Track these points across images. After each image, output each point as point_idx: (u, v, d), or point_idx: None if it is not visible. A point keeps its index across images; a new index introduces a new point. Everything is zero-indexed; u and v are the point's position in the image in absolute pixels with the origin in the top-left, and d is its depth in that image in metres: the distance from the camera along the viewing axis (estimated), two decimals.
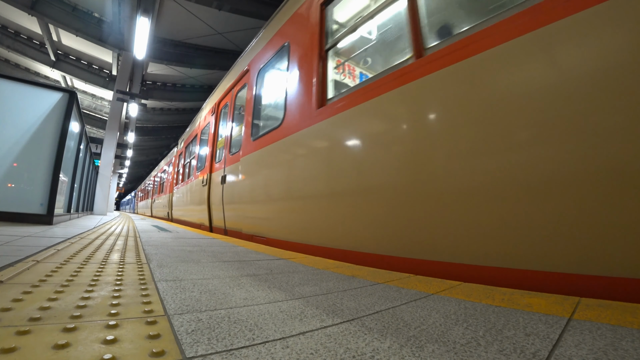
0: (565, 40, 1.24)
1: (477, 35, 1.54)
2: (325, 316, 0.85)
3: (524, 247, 1.30)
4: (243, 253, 2.23)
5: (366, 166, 2.08)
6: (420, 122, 1.77)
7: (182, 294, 1.02)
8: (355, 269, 1.74)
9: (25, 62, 14.53)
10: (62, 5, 10.58)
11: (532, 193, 1.28)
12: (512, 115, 1.37)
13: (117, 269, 1.33)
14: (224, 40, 12.16)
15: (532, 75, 1.32)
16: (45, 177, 3.44)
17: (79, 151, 5.23)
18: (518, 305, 0.99)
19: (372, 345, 0.66)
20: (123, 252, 1.87)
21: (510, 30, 1.41)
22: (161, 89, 16.05)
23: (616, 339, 0.70)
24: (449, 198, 1.56)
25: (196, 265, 1.61)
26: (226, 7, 9.64)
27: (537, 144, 1.28)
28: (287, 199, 2.95)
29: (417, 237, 1.70)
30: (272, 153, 3.28)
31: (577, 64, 1.20)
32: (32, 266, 1.25)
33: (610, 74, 1.12)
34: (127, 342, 0.61)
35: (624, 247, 1.07)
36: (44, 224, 3.35)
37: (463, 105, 1.55)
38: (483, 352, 0.64)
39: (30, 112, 3.43)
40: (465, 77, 1.56)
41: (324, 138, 2.50)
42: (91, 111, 19.12)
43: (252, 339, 0.67)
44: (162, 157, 18.31)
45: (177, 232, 4.05)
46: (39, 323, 0.68)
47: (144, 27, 8.17)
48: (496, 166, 1.40)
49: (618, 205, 1.08)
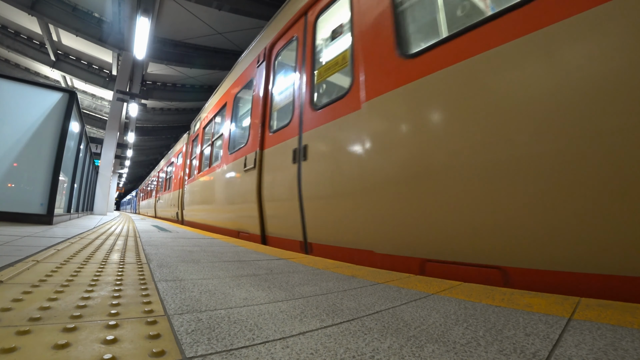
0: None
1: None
2: (325, 316, 0.85)
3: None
4: (243, 253, 2.23)
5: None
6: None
7: (182, 294, 1.02)
8: (355, 269, 1.74)
9: (25, 62, 14.53)
10: (62, 5, 10.59)
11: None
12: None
13: (117, 269, 1.33)
14: (224, 40, 12.16)
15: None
16: (45, 177, 3.44)
17: (79, 151, 5.23)
18: (518, 305, 0.99)
19: (372, 345, 0.66)
20: (123, 252, 1.87)
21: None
22: (161, 89, 16.06)
23: (616, 339, 0.70)
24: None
25: (196, 265, 1.61)
26: (226, 7, 9.64)
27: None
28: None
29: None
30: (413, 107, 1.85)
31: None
32: (32, 266, 1.25)
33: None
34: (127, 342, 0.61)
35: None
36: (44, 224, 3.35)
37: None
38: (483, 352, 0.64)
39: (30, 112, 3.44)
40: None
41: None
42: (91, 111, 19.12)
43: (252, 339, 0.67)
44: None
45: (177, 232, 4.05)
46: (39, 323, 0.68)
47: (144, 27, 8.18)
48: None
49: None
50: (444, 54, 1.70)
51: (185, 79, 15.15)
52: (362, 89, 2.23)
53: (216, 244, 2.81)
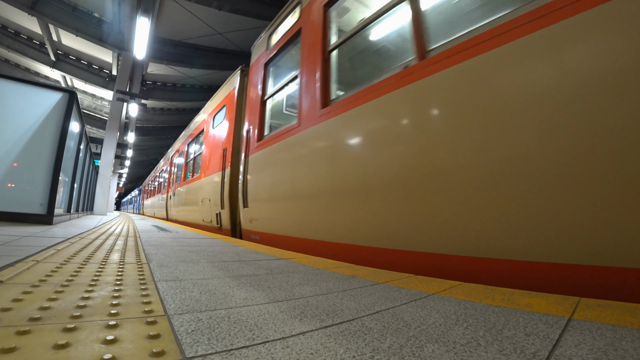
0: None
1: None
2: (325, 316, 0.85)
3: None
4: (243, 253, 2.23)
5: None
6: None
7: (182, 294, 1.02)
8: (355, 269, 1.74)
9: (25, 62, 14.53)
10: (62, 5, 10.58)
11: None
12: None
13: (117, 269, 1.33)
14: (224, 40, 12.16)
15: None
16: (45, 177, 3.44)
17: (79, 151, 5.23)
18: (518, 305, 0.99)
19: (372, 345, 0.66)
20: (123, 252, 1.87)
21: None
22: (161, 89, 16.05)
23: (616, 339, 0.70)
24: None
25: (196, 265, 1.61)
26: (226, 7, 9.65)
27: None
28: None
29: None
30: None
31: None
32: (32, 266, 1.25)
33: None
34: (127, 342, 0.61)
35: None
36: (44, 224, 3.35)
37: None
38: (483, 352, 0.64)
39: (30, 112, 3.43)
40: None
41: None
42: (91, 111, 19.12)
43: (252, 339, 0.67)
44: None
45: (177, 232, 4.05)
46: (39, 323, 0.68)
47: (144, 27, 8.17)
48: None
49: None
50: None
51: (185, 79, 15.15)
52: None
53: (216, 244, 2.81)
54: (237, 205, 4.47)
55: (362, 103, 2.19)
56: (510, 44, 1.43)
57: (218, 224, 4.97)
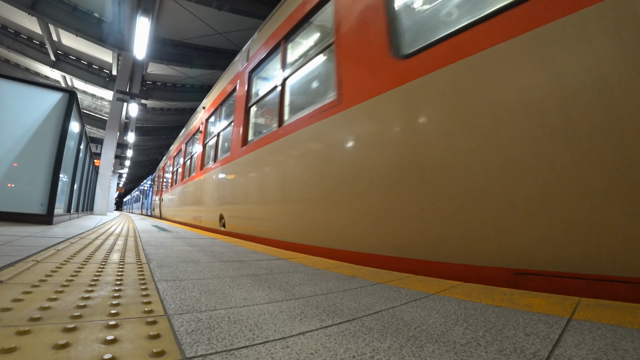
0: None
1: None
2: (325, 316, 0.85)
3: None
4: (243, 253, 2.23)
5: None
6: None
7: (182, 294, 1.02)
8: (355, 269, 1.74)
9: (25, 62, 14.52)
10: (62, 5, 10.58)
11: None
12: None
13: (117, 269, 1.33)
14: (223, 40, 12.16)
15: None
16: (45, 177, 3.44)
17: (79, 151, 5.23)
18: (518, 305, 0.99)
19: (372, 345, 0.66)
20: (123, 252, 1.87)
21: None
22: (161, 89, 16.05)
23: (616, 339, 0.70)
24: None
25: (196, 265, 1.61)
26: (226, 7, 9.65)
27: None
28: None
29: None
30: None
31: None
32: (32, 266, 1.25)
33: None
34: (127, 342, 0.61)
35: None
36: (44, 224, 3.35)
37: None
38: (483, 352, 0.64)
39: (30, 112, 3.43)
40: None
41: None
42: (91, 111, 19.11)
43: (252, 339, 0.67)
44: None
45: (177, 232, 4.05)
46: (39, 323, 0.68)
47: (144, 27, 8.16)
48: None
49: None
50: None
51: (185, 79, 15.15)
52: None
53: (216, 244, 2.81)
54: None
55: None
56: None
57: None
